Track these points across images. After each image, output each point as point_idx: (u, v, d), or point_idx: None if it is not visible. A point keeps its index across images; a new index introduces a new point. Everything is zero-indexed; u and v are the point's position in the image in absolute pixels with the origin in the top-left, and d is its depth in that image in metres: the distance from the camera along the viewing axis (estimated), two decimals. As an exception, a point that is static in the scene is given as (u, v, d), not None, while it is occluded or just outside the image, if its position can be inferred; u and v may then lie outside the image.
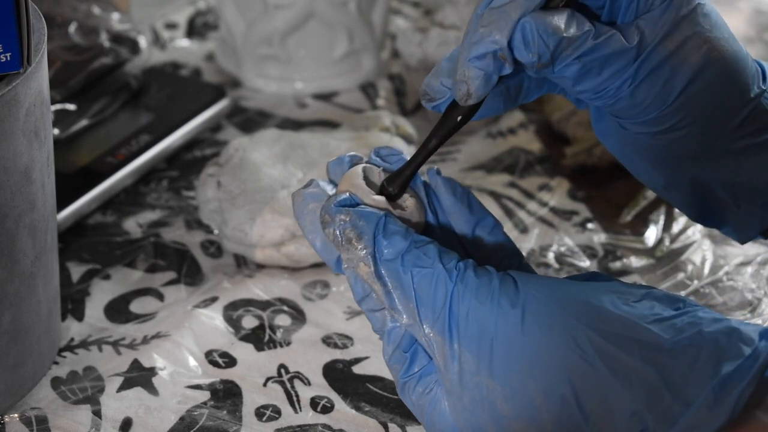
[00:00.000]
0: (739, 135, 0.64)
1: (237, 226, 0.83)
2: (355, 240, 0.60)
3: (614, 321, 0.58)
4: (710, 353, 0.57)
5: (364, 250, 0.60)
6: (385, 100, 1.02)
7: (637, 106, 0.63)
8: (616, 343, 0.57)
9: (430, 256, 0.60)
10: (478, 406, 0.59)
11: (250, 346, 0.78)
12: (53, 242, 0.73)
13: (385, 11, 1.03)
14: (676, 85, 0.62)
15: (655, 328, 0.58)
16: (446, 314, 0.59)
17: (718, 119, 0.64)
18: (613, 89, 0.62)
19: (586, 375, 0.57)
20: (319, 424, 0.72)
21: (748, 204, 0.66)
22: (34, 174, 0.68)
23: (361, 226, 0.60)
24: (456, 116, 0.62)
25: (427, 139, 0.63)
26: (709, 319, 0.58)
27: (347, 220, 0.60)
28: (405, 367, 0.62)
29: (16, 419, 0.72)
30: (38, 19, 0.68)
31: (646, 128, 0.64)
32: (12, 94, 0.64)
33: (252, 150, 0.86)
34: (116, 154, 0.91)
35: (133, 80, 0.97)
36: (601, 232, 0.87)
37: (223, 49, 1.06)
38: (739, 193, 0.66)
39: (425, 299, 0.59)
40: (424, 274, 0.59)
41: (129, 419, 0.72)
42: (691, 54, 0.62)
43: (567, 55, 0.60)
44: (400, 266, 0.60)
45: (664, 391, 0.56)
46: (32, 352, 0.72)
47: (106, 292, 0.82)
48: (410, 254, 0.60)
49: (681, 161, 0.65)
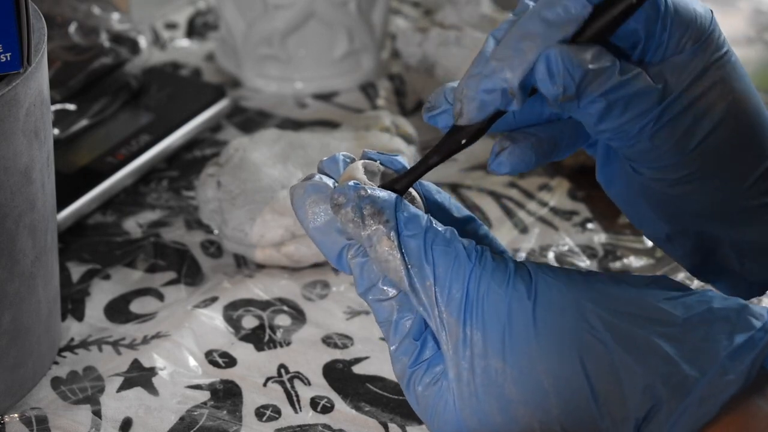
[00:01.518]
0: (753, 193, 0.63)
1: (237, 226, 0.83)
2: (377, 214, 0.60)
3: (625, 301, 0.58)
4: (722, 327, 0.57)
5: (387, 223, 0.60)
6: (385, 100, 1.02)
7: (656, 150, 0.62)
8: (627, 320, 0.58)
9: (449, 237, 0.60)
10: (486, 390, 0.59)
11: (250, 346, 0.78)
12: (53, 242, 0.73)
13: (385, 11, 1.03)
14: (698, 133, 0.61)
15: (667, 306, 0.58)
16: (463, 294, 0.59)
17: (734, 175, 0.63)
18: (635, 130, 0.61)
19: (596, 353, 0.57)
20: (319, 424, 0.72)
21: (752, 263, 0.66)
22: (34, 174, 0.68)
23: (382, 201, 0.60)
24: (460, 139, 0.61)
25: (428, 155, 0.63)
26: (719, 297, 0.59)
27: (367, 196, 0.60)
28: (414, 356, 0.62)
29: (16, 419, 0.72)
30: (38, 19, 0.68)
31: (660, 174, 0.63)
32: (12, 94, 0.64)
33: (252, 150, 0.86)
34: (116, 154, 0.91)
35: (133, 80, 0.97)
36: (601, 232, 0.87)
37: (223, 49, 1.06)
38: (745, 252, 0.65)
39: (443, 278, 0.59)
40: (445, 252, 0.59)
41: (129, 419, 0.72)
42: (717, 103, 0.61)
43: (592, 91, 0.59)
44: (423, 242, 0.60)
45: (679, 362, 0.57)
46: (32, 352, 0.72)
47: (106, 292, 0.82)
48: (431, 232, 0.60)
49: (690, 214, 0.65)
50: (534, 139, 0.64)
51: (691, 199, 0.64)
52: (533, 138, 0.64)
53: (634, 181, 0.65)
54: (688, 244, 0.66)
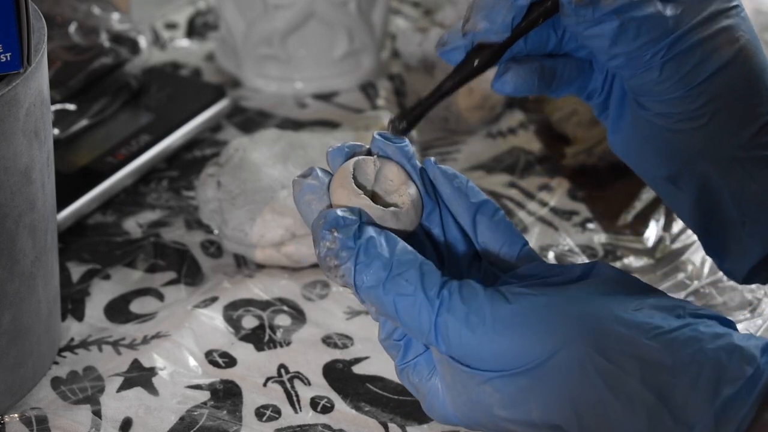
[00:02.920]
0: (753, 144, 0.65)
1: (237, 226, 0.83)
2: (335, 269, 0.59)
3: (614, 337, 0.57)
4: (712, 372, 0.56)
5: (343, 278, 0.60)
6: (385, 100, 1.02)
7: (664, 83, 0.64)
8: (617, 362, 0.57)
9: (411, 283, 0.59)
10: (475, 407, 0.59)
11: (250, 346, 0.78)
12: (53, 242, 0.73)
13: (385, 11, 1.03)
14: (704, 71, 0.63)
15: (656, 344, 0.57)
16: (434, 338, 0.59)
17: (736, 120, 0.64)
18: (646, 57, 0.63)
19: (587, 394, 0.57)
20: (319, 424, 0.72)
21: (753, 223, 0.66)
22: (34, 174, 0.68)
23: (342, 257, 0.59)
24: (473, 59, 0.63)
25: (443, 81, 0.63)
26: (710, 334, 0.57)
27: (330, 249, 0.59)
28: (400, 355, 0.62)
29: (16, 419, 0.72)
30: (38, 19, 0.68)
31: (665, 108, 0.65)
32: (12, 94, 0.64)
33: (252, 150, 0.86)
34: (116, 154, 0.91)
35: (133, 80, 0.97)
36: (601, 232, 0.87)
37: (223, 49, 1.06)
38: (746, 208, 0.66)
39: (411, 324, 0.59)
40: (406, 303, 0.59)
41: (129, 419, 0.72)
42: (724, 46, 0.64)
43: (606, 4, 0.62)
44: (382, 294, 0.59)
45: (665, 414, 0.56)
46: (32, 352, 0.72)
47: (106, 292, 0.82)
48: (391, 282, 0.59)
49: (692, 156, 0.66)
50: (538, 64, 0.67)
51: (693, 139, 0.65)
52: (537, 63, 0.67)
53: (639, 124, 0.67)
54: (692, 192, 0.67)
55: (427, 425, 0.72)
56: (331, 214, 0.60)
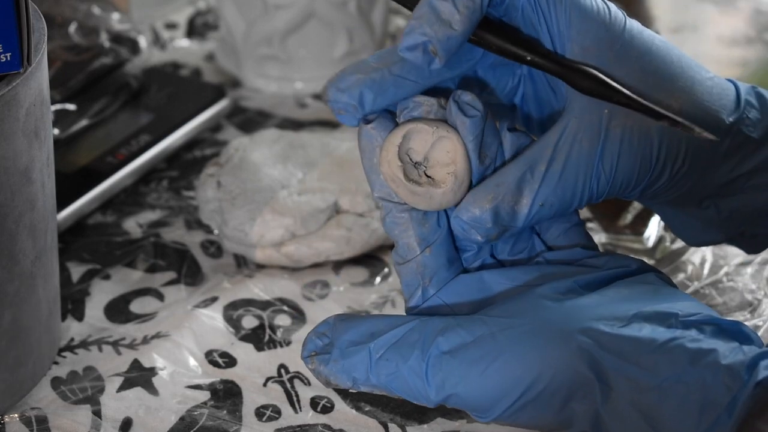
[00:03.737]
0: (724, 172, 0.64)
1: (237, 226, 0.83)
2: (326, 382, 0.63)
3: (602, 357, 0.58)
4: (696, 395, 0.56)
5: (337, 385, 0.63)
6: (385, 100, 1.02)
7: (627, 186, 0.62)
8: (606, 380, 0.58)
9: (392, 360, 0.61)
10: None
11: (250, 346, 0.78)
12: (53, 242, 0.73)
13: (385, 11, 1.03)
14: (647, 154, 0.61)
15: (646, 361, 0.57)
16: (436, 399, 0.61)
17: (706, 157, 0.63)
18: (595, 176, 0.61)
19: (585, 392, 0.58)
20: (319, 424, 0.72)
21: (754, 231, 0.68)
22: (34, 174, 0.68)
23: (327, 375, 0.62)
24: None
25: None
26: (694, 350, 0.57)
27: (314, 370, 0.63)
28: None
29: (16, 419, 0.72)
30: (38, 19, 0.68)
31: (652, 198, 0.65)
32: (12, 94, 0.64)
33: (252, 150, 0.86)
34: (116, 154, 0.91)
35: (133, 80, 0.97)
36: (601, 232, 0.87)
37: (223, 49, 1.06)
38: (732, 216, 0.67)
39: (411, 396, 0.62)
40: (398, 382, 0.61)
41: (129, 419, 0.72)
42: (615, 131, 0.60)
43: None
44: (374, 382, 0.62)
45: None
46: (32, 352, 0.72)
47: (106, 292, 0.82)
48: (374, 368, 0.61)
49: (691, 207, 0.66)
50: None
51: (686, 194, 0.65)
52: None
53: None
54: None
55: (427, 425, 0.72)
56: (308, 342, 0.63)
